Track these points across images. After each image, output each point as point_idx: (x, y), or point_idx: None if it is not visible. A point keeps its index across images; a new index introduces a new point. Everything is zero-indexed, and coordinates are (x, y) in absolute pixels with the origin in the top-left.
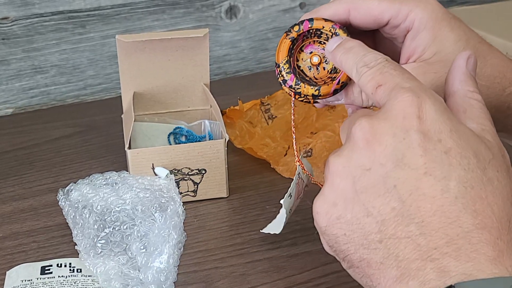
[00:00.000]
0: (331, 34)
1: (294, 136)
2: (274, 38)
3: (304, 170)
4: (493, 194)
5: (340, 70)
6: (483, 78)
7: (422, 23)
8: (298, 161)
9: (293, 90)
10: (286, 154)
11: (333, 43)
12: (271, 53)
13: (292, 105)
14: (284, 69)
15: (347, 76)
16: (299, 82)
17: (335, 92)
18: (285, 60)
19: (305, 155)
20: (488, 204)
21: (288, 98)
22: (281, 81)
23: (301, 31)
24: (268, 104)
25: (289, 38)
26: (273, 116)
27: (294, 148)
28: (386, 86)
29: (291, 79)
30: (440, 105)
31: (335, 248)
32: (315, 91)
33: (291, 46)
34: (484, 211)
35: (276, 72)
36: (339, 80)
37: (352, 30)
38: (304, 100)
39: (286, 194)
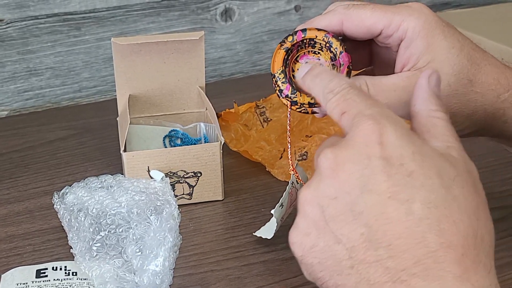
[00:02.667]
0: (324, 43)
1: (289, 146)
2: (269, 40)
3: (299, 179)
4: (459, 211)
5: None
6: (477, 86)
7: (415, 32)
8: (293, 170)
9: (290, 100)
10: (281, 157)
11: (302, 71)
12: (266, 56)
13: (288, 115)
14: (279, 79)
15: None
16: (295, 91)
17: None
18: (280, 70)
19: (300, 158)
20: (454, 222)
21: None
22: (277, 91)
23: (295, 41)
24: (263, 107)
25: (283, 49)
26: (268, 119)
27: (289, 157)
28: (350, 113)
29: (287, 89)
30: (402, 129)
31: (313, 276)
32: (311, 99)
33: (285, 57)
34: (450, 229)
35: (273, 83)
36: None
37: (346, 40)
38: (302, 111)
39: (277, 204)
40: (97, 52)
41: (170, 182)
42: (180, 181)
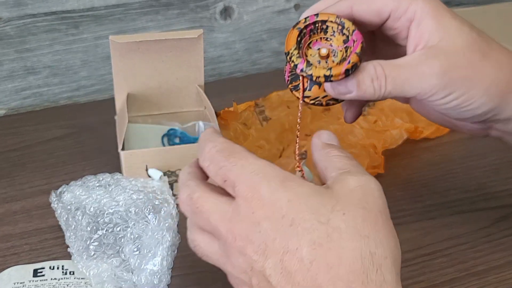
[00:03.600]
0: (336, 25)
1: (297, 141)
2: (269, 39)
3: (304, 177)
4: (341, 239)
5: (349, 52)
6: (491, 60)
7: (424, 11)
8: (299, 167)
9: (304, 73)
10: (280, 156)
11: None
12: (266, 55)
13: (300, 108)
14: (294, 54)
15: (358, 57)
16: (311, 64)
17: (347, 73)
18: (294, 47)
19: (299, 157)
20: (338, 253)
21: (282, 100)
22: (289, 81)
23: (308, 22)
24: (262, 106)
25: (297, 29)
26: (268, 118)
27: (296, 153)
28: (229, 181)
29: (301, 63)
30: (275, 180)
31: None
32: (327, 71)
33: (298, 39)
34: (336, 262)
35: (287, 62)
36: (350, 60)
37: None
38: (316, 103)
39: None
40: (95, 51)
41: (169, 181)
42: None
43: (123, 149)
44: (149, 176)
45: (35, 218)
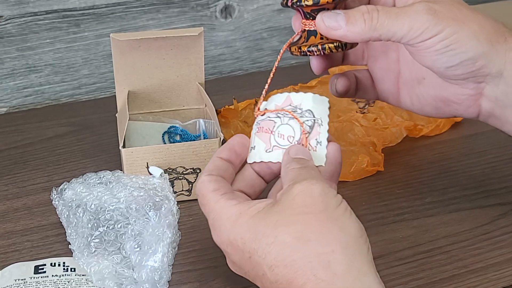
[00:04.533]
0: None
1: (266, 87)
2: (269, 38)
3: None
4: (290, 253)
5: None
6: (478, 13)
7: None
8: (257, 110)
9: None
10: None
11: None
12: (266, 53)
13: (279, 57)
14: None
15: None
16: None
17: None
18: None
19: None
20: (291, 268)
21: None
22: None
23: None
24: None
25: None
26: None
27: (261, 99)
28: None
29: None
30: (229, 221)
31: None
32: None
33: None
34: (291, 276)
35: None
36: None
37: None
38: (311, 48)
39: (250, 148)
40: (96, 49)
41: (169, 179)
42: (179, 177)
43: (124, 146)
44: (150, 174)
45: (37, 215)
